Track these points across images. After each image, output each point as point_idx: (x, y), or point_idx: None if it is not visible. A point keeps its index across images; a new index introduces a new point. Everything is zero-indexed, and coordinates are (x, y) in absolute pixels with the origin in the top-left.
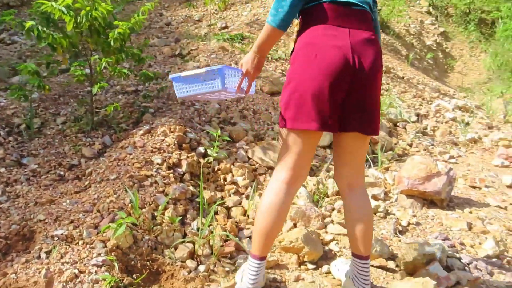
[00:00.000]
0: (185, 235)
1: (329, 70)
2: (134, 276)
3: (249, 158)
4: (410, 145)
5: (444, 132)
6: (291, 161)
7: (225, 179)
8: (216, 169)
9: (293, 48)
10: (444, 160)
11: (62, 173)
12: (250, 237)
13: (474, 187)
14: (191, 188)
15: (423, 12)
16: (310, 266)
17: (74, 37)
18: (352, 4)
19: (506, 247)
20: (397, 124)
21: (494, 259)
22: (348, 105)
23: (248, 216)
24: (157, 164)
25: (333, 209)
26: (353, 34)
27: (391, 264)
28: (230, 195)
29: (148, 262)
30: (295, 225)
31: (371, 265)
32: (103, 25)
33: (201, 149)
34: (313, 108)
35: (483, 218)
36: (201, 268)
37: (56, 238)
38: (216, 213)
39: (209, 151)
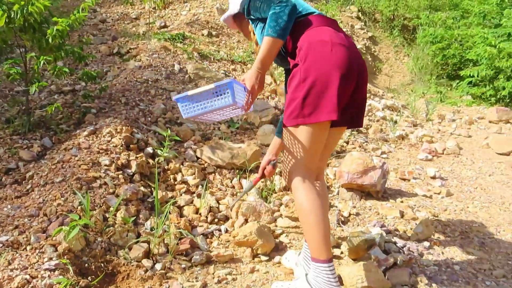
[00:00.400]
0: (139, 235)
1: (345, 64)
2: (89, 278)
3: (198, 158)
4: (347, 143)
5: (376, 130)
6: (316, 156)
7: (175, 179)
8: (165, 169)
9: (291, 51)
10: (377, 155)
11: None
12: (203, 234)
13: (404, 179)
14: (142, 188)
15: (353, 17)
16: (263, 258)
17: (7, 33)
18: (329, 17)
19: (433, 230)
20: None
21: (423, 242)
22: (350, 100)
23: (200, 214)
24: (105, 165)
25: (281, 204)
26: (348, 38)
27: (337, 252)
28: (181, 194)
29: (102, 264)
30: (246, 221)
31: None
32: (38, 21)
33: (150, 149)
34: (333, 99)
35: (412, 207)
36: (158, 266)
37: (0, 245)
38: (168, 212)
39: (159, 151)
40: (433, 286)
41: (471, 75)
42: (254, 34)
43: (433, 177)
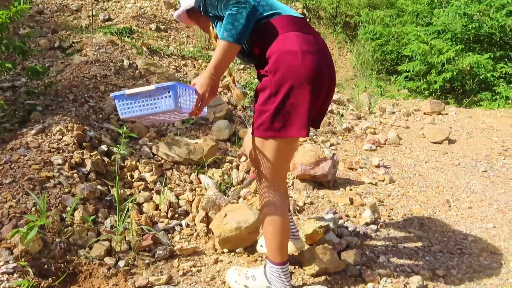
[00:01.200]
0: (99, 234)
1: (316, 76)
2: (50, 279)
3: (154, 154)
4: None
5: (324, 123)
6: (286, 170)
7: (132, 176)
8: (122, 166)
9: (259, 57)
10: (326, 147)
11: None
12: (165, 230)
13: (352, 169)
14: (99, 187)
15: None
16: (226, 249)
17: None
18: (298, 14)
19: (379, 214)
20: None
21: (371, 225)
22: (319, 111)
23: (160, 210)
24: (58, 164)
25: (239, 197)
26: (317, 40)
27: None
28: (140, 192)
29: (62, 265)
30: (207, 214)
31: None
32: None
33: (104, 147)
34: (303, 115)
35: (360, 194)
36: (121, 263)
37: None
38: (128, 209)
39: (115, 149)
40: (381, 264)
41: (407, 70)
42: (213, 28)
43: (377, 166)
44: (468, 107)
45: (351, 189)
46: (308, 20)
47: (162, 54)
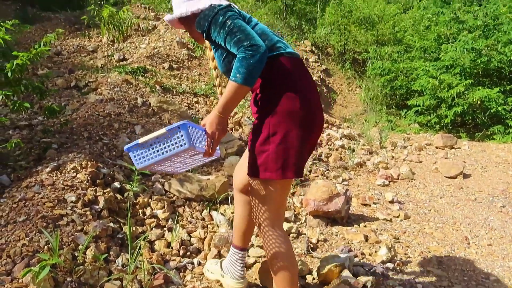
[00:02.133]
0: (110, 273)
1: (312, 123)
2: None
3: (166, 191)
4: (310, 171)
5: (336, 158)
6: (283, 209)
7: (144, 213)
8: (134, 203)
9: (257, 96)
10: (338, 182)
11: None
12: (177, 268)
13: (365, 204)
14: (111, 224)
15: (307, 51)
16: None
17: None
18: (297, 54)
19: (396, 252)
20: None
21: (388, 264)
22: (309, 151)
23: (172, 248)
24: (72, 202)
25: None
26: (313, 86)
27: (309, 278)
28: (151, 229)
29: None
30: (219, 252)
31: None
32: None
33: (117, 184)
34: (299, 158)
35: (375, 230)
36: None
37: None
38: (140, 248)
39: (127, 186)
40: None
41: (417, 104)
42: (211, 50)
43: (391, 201)
44: (481, 140)
45: (365, 226)
46: (317, 57)
47: (174, 92)
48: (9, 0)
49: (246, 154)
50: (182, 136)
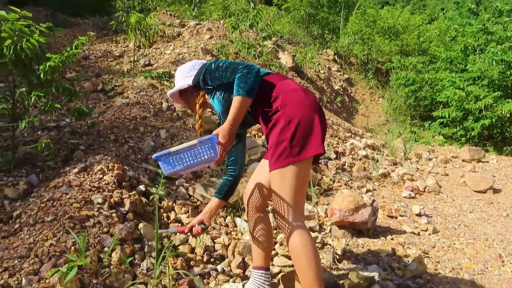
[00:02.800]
0: (135, 277)
1: (318, 106)
2: None
3: (190, 196)
4: (333, 181)
5: (359, 168)
6: (304, 193)
7: (168, 217)
8: (159, 207)
9: (263, 110)
10: (362, 193)
11: None
12: (200, 275)
13: (391, 217)
14: (139, 226)
15: (330, 60)
16: None
17: None
18: (272, 72)
19: (425, 267)
20: (320, 161)
21: (417, 279)
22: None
23: (196, 254)
24: (98, 203)
25: (276, 243)
26: (301, 87)
27: None
28: (176, 234)
29: None
30: (243, 260)
31: None
32: (30, 57)
33: (142, 187)
34: (318, 135)
35: (403, 244)
36: None
37: None
38: (166, 252)
39: (153, 189)
40: None
41: (443, 116)
42: (199, 108)
43: (419, 215)
44: (510, 155)
45: (392, 238)
46: (339, 66)
47: None
48: (41, 6)
49: (256, 173)
50: (210, 147)
